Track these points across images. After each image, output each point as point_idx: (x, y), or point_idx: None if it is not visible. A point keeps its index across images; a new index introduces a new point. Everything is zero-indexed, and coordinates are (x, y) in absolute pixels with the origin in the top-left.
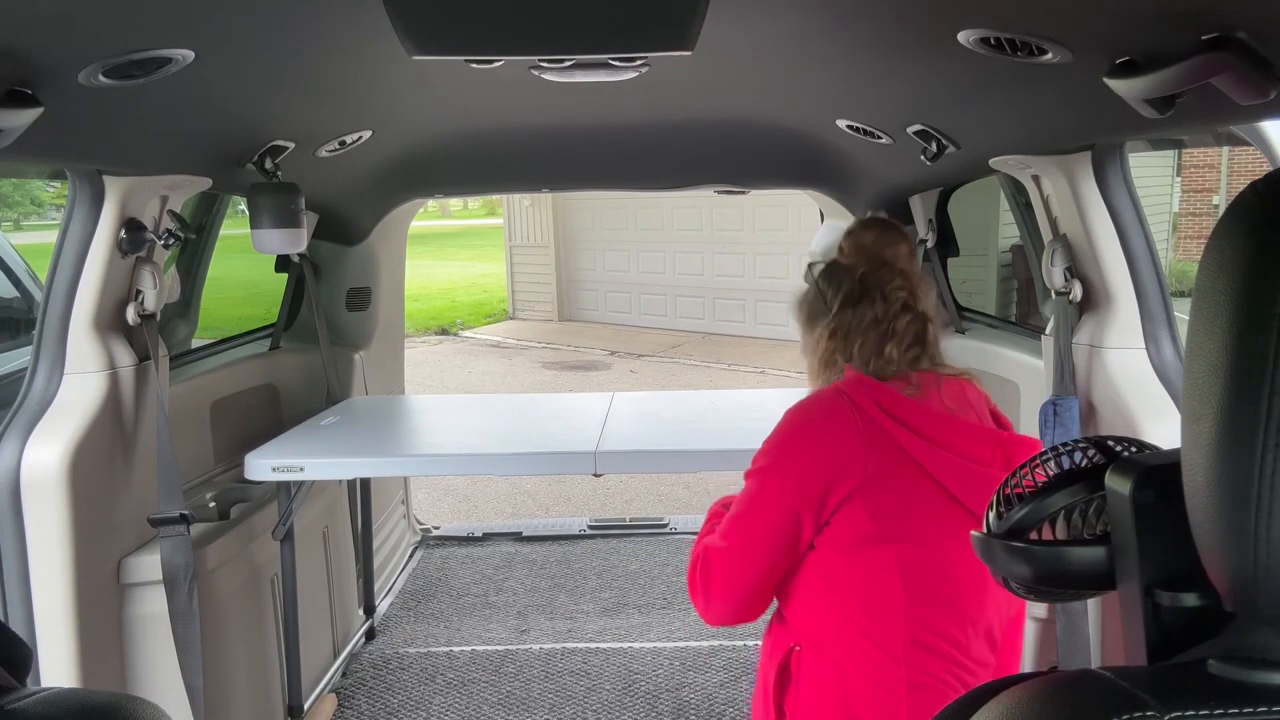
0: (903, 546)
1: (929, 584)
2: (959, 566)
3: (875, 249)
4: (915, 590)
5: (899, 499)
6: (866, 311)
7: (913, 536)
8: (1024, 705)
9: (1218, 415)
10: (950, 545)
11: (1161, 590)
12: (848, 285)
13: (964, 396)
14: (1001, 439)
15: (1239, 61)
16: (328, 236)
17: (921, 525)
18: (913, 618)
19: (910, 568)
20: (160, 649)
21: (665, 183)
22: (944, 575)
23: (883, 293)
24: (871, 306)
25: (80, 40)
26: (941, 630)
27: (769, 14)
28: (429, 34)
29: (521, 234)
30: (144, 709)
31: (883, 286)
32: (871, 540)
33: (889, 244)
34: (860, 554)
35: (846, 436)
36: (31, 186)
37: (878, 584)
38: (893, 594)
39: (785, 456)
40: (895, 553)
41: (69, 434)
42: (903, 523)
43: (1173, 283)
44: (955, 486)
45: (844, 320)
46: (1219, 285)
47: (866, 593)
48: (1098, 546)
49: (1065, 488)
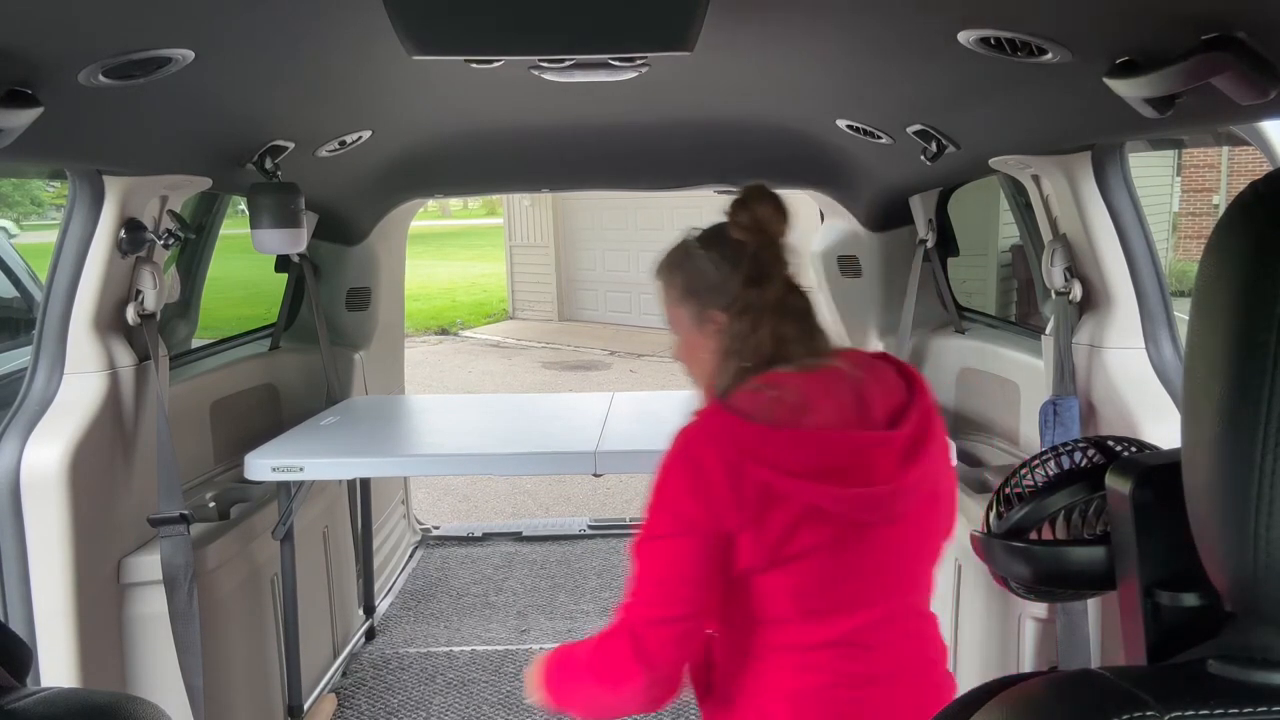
0: (793, 574)
1: (824, 596)
2: (868, 560)
3: (772, 224)
4: (807, 605)
5: (785, 533)
6: (769, 291)
7: (805, 564)
8: (1024, 705)
9: (1218, 415)
10: (849, 555)
11: (1161, 590)
12: (748, 262)
13: (867, 364)
14: (895, 437)
15: (1239, 61)
16: (328, 236)
17: (812, 547)
18: (806, 626)
19: (803, 590)
20: (160, 649)
21: (665, 183)
22: (841, 579)
23: (781, 272)
24: (772, 285)
25: (80, 40)
26: (841, 628)
27: (769, 14)
28: (429, 34)
29: (521, 234)
30: (144, 709)
31: (781, 265)
32: (760, 570)
33: (783, 220)
34: (747, 581)
35: (715, 494)
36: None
37: (766, 603)
38: (782, 609)
39: (671, 517)
40: (784, 580)
41: (69, 434)
42: (790, 550)
43: (1173, 283)
44: (847, 514)
45: (749, 300)
46: (1219, 285)
47: (756, 607)
48: (1098, 546)
49: (1065, 488)
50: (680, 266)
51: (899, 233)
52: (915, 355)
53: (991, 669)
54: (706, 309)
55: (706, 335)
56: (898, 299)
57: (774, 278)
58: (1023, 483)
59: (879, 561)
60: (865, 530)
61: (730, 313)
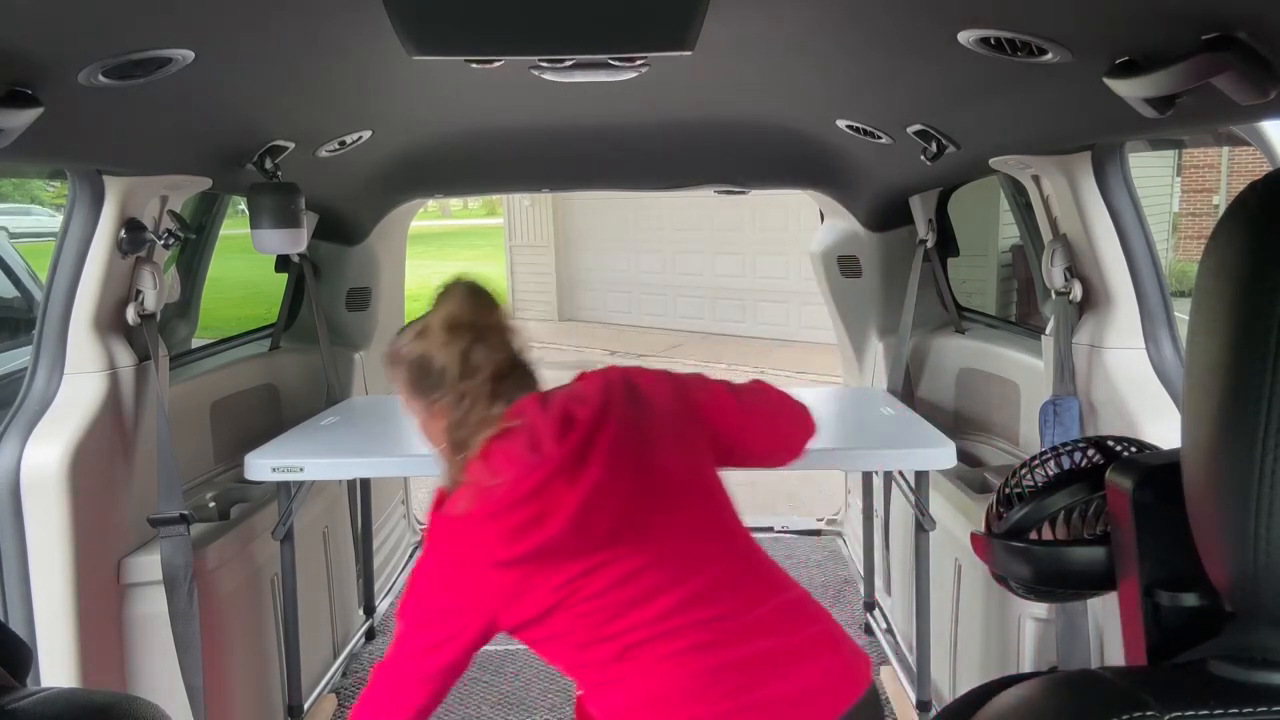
0: (582, 604)
1: (620, 606)
2: (643, 549)
3: (477, 319)
4: (609, 620)
5: (546, 593)
6: (479, 378)
7: (587, 593)
8: (1024, 705)
9: (1218, 415)
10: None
11: (1161, 590)
12: (457, 362)
13: (565, 396)
14: (548, 460)
15: (1239, 61)
16: (328, 236)
17: (573, 584)
18: (630, 622)
19: (600, 608)
20: (160, 649)
21: (665, 183)
22: (624, 582)
23: (491, 357)
24: (480, 372)
25: (80, 40)
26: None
27: (769, 14)
28: (429, 34)
29: (521, 234)
30: (144, 709)
31: (488, 352)
32: (552, 611)
33: (488, 308)
34: (546, 623)
35: (470, 597)
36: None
37: (577, 629)
38: (593, 628)
39: (439, 623)
40: (580, 609)
41: (69, 434)
42: (557, 600)
43: (1173, 283)
44: (575, 554)
45: (463, 391)
46: (1219, 285)
47: (572, 632)
48: (1098, 546)
49: (1065, 488)
50: (398, 364)
51: (899, 233)
52: (915, 355)
53: (991, 669)
54: (433, 403)
55: (435, 427)
56: (898, 299)
57: (481, 366)
58: (1023, 483)
59: (659, 541)
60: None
61: (446, 404)
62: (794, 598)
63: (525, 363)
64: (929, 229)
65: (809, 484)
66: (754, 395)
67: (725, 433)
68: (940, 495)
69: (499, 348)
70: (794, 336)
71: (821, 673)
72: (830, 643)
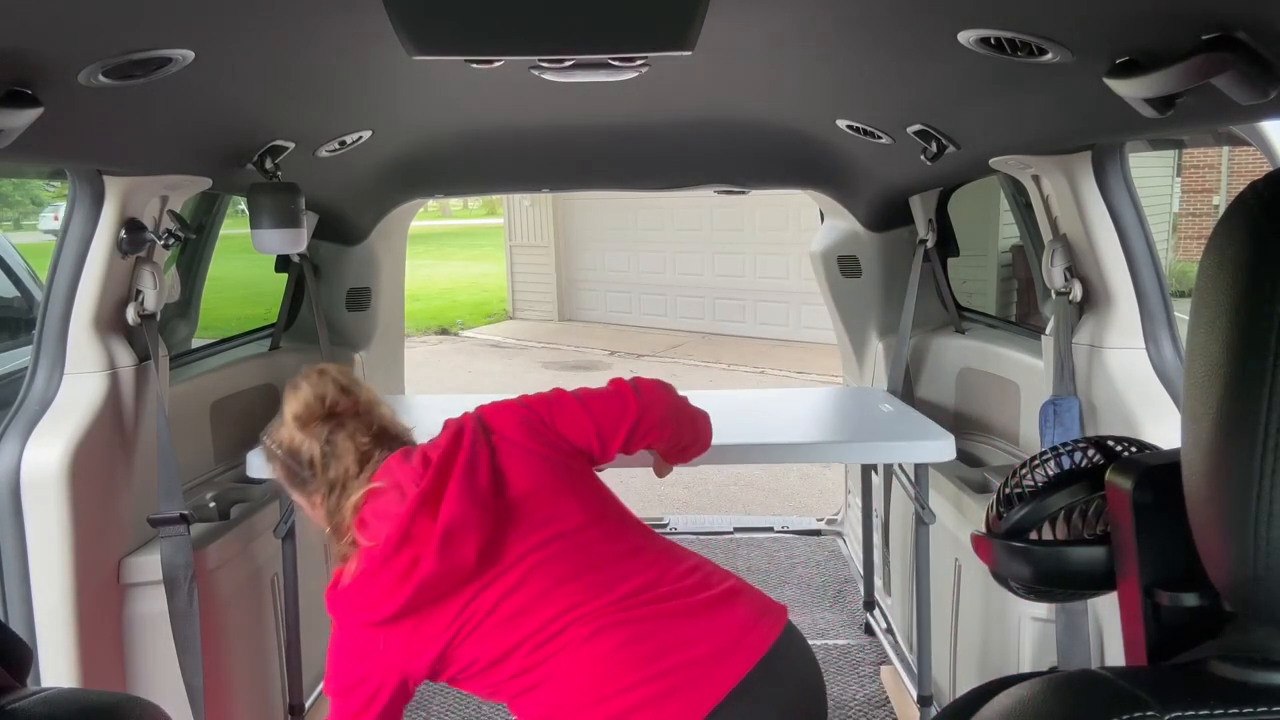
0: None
1: (517, 611)
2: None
3: (332, 408)
4: (515, 624)
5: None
6: (344, 463)
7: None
8: (1024, 705)
9: (1218, 415)
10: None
11: (1161, 590)
12: (318, 457)
13: (424, 452)
14: (410, 502)
15: (1239, 61)
16: (328, 236)
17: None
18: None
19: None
20: (160, 649)
21: (665, 183)
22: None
23: (354, 441)
24: (346, 456)
25: (80, 40)
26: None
27: (769, 14)
28: (429, 34)
29: (521, 234)
30: (144, 709)
31: (350, 438)
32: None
33: (340, 393)
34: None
35: (378, 658)
36: (31, 186)
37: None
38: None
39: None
40: (490, 635)
41: (69, 434)
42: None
43: (1173, 283)
44: (453, 587)
45: (331, 481)
46: (1219, 285)
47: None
48: (1098, 546)
49: (1065, 488)
50: (273, 460)
51: (899, 233)
52: (915, 355)
53: (991, 669)
54: (311, 494)
55: (318, 515)
56: (898, 299)
57: (344, 453)
58: (1023, 483)
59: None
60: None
61: (321, 494)
62: (694, 564)
63: (394, 433)
64: (929, 229)
65: (808, 484)
66: (602, 399)
67: (579, 437)
68: (940, 495)
69: (361, 429)
70: (794, 336)
71: (734, 626)
72: (737, 596)
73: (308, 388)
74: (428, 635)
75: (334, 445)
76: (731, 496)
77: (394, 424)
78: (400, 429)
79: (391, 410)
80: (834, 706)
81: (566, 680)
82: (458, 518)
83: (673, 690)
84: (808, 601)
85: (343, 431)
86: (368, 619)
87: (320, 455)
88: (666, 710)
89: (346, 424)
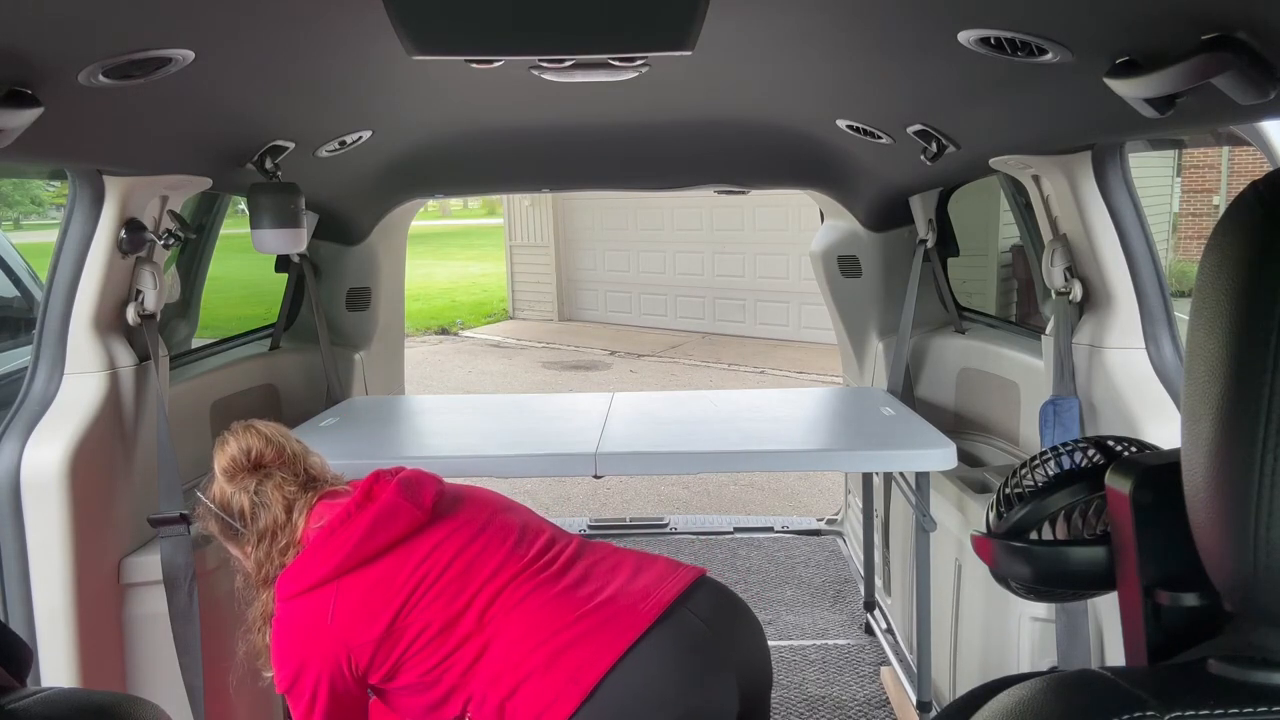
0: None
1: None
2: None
3: (258, 460)
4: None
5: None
6: (274, 510)
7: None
8: (1024, 705)
9: (1218, 415)
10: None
11: (1161, 590)
12: (247, 508)
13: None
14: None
15: (1239, 61)
16: (328, 236)
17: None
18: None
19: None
20: (160, 649)
21: (665, 183)
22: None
23: (281, 489)
24: (274, 506)
25: (80, 40)
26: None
27: (769, 14)
28: (429, 34)
29: (521, 234)
30: (144, 709)
31: (278, 485)
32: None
33: (265, 446)
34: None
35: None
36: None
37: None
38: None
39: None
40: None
41: (69, 434)
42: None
43: (1173, 283)
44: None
45: (261, 531)
46: (1219, 285)
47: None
48: (1098, 546)
49: (1065, 488)
50: (206, 517)
51: (899, 233)
52: (915, 355)
53: (991, 669)
54: (244, 545)
55: (249, 566)
56: (898, 299)
57: (272, 502)
58: (1023, 483)
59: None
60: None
61: (252, 545)
62: (602, 543)
63: (323, 479)
64: (929, 229)
65: (809, 484)
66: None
67: None
68: (940, 495)
69: (288, 479)
70: (794, 336)
71: (657, 569)
72: (653, 556)
73: (234, 442)
74: (388, 592)
75: (262, 495)
76: (731, 496)
77: (323, 471)
78: (330, 476)
79: (322, 460)
80: (834, 706)
81: (511, 637)
82: (413, 475)
83: (606, 622)
84: (808, 601)
85: (270, 482)
86: (323, 571)
87: (249, 505)
88: (602, 639)
89: (274, 474)
